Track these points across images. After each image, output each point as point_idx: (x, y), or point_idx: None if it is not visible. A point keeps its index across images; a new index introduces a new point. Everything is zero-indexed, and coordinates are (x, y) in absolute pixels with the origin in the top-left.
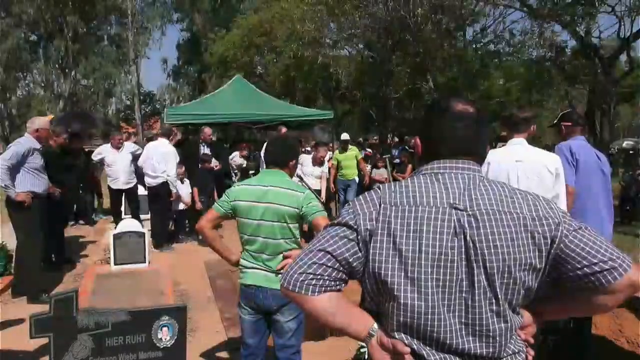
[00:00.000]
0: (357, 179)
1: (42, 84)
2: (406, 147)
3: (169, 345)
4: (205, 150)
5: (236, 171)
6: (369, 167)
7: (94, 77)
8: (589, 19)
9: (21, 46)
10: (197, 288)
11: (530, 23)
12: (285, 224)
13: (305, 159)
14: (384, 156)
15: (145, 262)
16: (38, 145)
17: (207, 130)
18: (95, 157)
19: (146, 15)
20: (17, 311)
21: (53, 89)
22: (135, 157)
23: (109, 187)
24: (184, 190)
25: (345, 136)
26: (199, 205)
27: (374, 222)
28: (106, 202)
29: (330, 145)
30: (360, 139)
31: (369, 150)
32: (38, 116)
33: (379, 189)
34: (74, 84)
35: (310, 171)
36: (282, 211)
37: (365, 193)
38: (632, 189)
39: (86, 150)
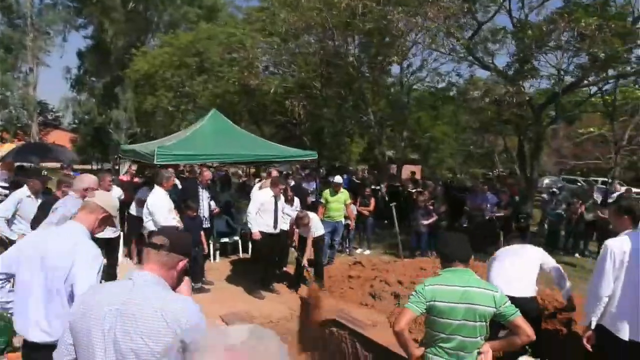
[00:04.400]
0: (343, 221)
1: None
2: (353, 177)
3: None
4: (204, 193)
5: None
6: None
7: None
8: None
9: None
10: None
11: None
12: (484, 323)
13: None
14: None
15: None
16: None
17: (207, 173)
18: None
19: (45, 18)
20: None
21: None
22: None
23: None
24: None
25: (338, 179)
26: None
27: None
28: None
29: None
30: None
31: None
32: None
33: None
34: None
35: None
36: (484, 312)
37: None
38: None
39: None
